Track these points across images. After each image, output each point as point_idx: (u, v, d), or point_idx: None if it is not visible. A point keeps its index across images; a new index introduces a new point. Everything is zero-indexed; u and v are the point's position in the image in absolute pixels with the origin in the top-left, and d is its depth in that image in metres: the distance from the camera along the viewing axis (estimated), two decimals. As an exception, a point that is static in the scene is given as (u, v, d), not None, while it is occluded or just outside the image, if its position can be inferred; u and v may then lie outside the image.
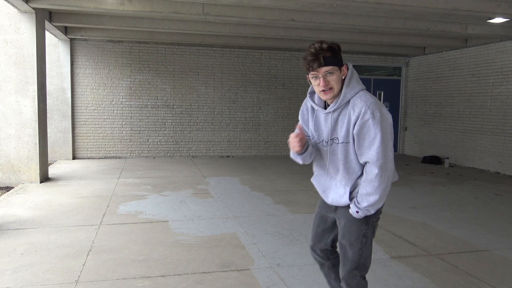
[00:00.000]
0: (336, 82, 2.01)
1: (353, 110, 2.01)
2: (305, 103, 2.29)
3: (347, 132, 2.06)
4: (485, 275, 3.47)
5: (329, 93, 2.03)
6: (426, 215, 5.37)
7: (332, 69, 1.98)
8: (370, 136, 1.98)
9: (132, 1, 6.66)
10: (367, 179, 2.04)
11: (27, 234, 4.32)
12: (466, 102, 9.83)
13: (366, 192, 2.05)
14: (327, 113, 2.12)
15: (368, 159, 2.02)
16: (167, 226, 4.72)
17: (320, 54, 1.95)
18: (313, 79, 2.04)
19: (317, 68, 1.97)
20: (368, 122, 1.97)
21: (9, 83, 6.80)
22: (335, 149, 2.15)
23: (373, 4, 6.01)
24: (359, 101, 2.01)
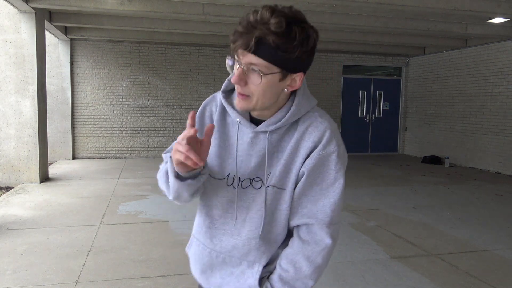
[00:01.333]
0: (260, 91, 1.09)
1: (309, 135, 1.16)
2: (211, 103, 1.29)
3: (286, 169, 1.17)
4: (485, 275, 3.47)
5: (243, 100, 1.11)
6: (426, 215, 5.37)
7: (264, 67, 1.05)
8: (327, 180, 1.16)
9: (132, 1, 6.66)
10: (302, 250, 1.18)
11: (27, 234, 4.32)
12: (466, 102, 9.82)
13: (294, 274, 1.17)
14: (259, 132, 1.18)
15: (314, 218, 1.17)
16: (167, 226, 4.72)
17: (255, 30, 1.02)
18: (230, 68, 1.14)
19: (237, 49, 1.06)
20: (331, 158, 1.15)
21: (9, 83, 6.80)
22: (251, 197, 1.21)
23: (373, 4, 6.01)
24: (319, 121, 1.17)
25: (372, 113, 12.04)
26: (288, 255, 1.19)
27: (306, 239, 1.18)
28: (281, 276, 1.18)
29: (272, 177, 1.18)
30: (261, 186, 1.19)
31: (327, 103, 11.58)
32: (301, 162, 1.16)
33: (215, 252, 1.26)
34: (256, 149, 1.19)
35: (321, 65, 11.48)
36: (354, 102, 11.90)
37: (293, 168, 1.17)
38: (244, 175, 1.21)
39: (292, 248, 1.19)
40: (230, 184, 1.22)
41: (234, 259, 1.24)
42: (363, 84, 11.96)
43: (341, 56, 11.61)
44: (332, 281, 3.29)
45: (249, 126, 1.19)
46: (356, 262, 3.70)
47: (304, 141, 1.16)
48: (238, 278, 1.24)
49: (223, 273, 1.26)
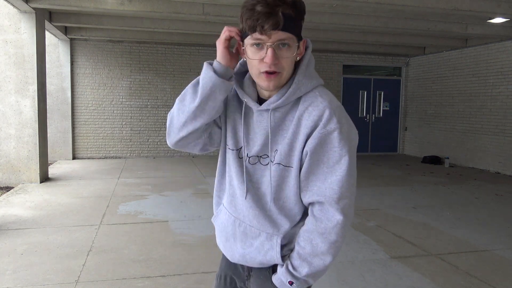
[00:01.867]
0: (290, 63, 1.18)
1: (308, 113, 1.19)
2: None
3: (290, 148, 1.22)
4: (485, 275, 3.47)
5: (274, 78, 1.17)
6: (426, 215, 5.37)
7: (291, 40, 1.15)
8: (332, 158, 1.19)
9: (132, 1, 6.66)
10: (317, 227, 1.22)
11: (27, 234, 4.32)
12: (466, 102, 9.82)
13: (311, 250, 1.22)
14: (263, 110, 1.24)
15: (323, 196, 1.21)
16: (167, 226, 4.72)
17: (279, 8, 1.10)
18: (252, 49, 1.16)
19: (270, 30, 1.11)
20: (333, 136, 1.17)
21: (9, 83, 6.80)
22: (260, 172, 1.28)
23: (373, 4, 6.01)
24: (320, 100, 1.20)
25: (372, 113, 12.04)
26: (305, 232, 1.25)
27: (319, 216, 1.22)
28: (299, 253, 1.24)
29: (278, 155, 1.23)
30: (268, 163, 1.26)
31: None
32: (303, 141, 1.20)
33: (239, 220, 1.34)
34: (261, 126, 1.26)
35: (321, 65, 11.48)
36: (354, 102, 11.90)
37: (296, 146, 1.21)
38: (251, 152, 1.28)
39: (307, 225, 1.25)
40: (241, 157, 1.31)
41: (254, 230, 1.31)
42: (363, 84, 11.96)
43: (341, 56, 11.61)
44: (332, 281, 3.29)
45: (254, 105, 1.25)
46: (356, 262, 3.70)
47: (304, 119, 1.20)
48: (258, 250, 1.31)
49: (244, 244, 1.33)
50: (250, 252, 1.33)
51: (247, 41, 1.17)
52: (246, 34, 1.16)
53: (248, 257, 1.34)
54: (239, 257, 1.36)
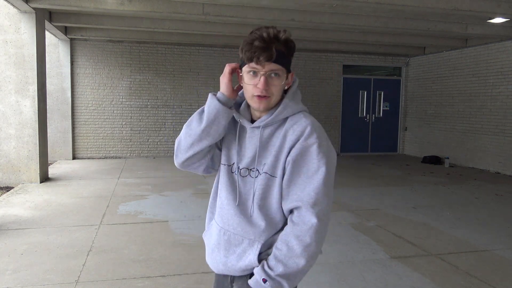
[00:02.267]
0: (278, 90, 1.40)
1: (292, 130, 1.39)
2: None
3: (276, 159, 1.40)
4: (485, 275, 3.47)
5: (264, 100, 1.38)
6: (426, 215, 5.37)
7: (281, 71, 1.38)
8: (311, 169, 1.35)
9: (132, 1, 6.66)
10: (293, 230, 1.34)
11: (27, 234, 4.32)
12: (466, 102, 9.83)
13: (287, 252, 1.33)
14: (255, 127, 1.44)
15: (300, 201, 1.35)
16: (167, 226, 4.72)
17: (273, 44, 1.34)
18: (248, 75, 1.39)
19: (264, 61, 1.34)
20: (312, 149, 1.35)
21: (9, 83, 6.80)
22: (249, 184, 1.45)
23: (373, 4, 6.01)
24: (303, 120, 1.40)
25: (372, 113, 12.04)
26: (282, 236, 1.37)
27: (296, 221, 1.36)
28: (275, 255, 1.36)
29: (266, 166, 1.42)
30: (258, 176, 1.44)
31: (327, 103, 11.59)
32: (287, 152, 1.39)
33: (224, 229, 1.49)
34: (252, 142, 1.45)
35: (321, 65, 11.48)
36: (354, 102, 11.90)
37: (281, 158, 1.40)
38: (242, 164, 1.47)
39: (285, 230, 1.38)
40: (233, 171, 1.49)
41: (237, 237, 1.45)
42: (363, 84, 11.96)
43: (341, 56, 11.60)
44: (332, 281, 3.29)
45: (247, 124, 1.46)
46: (356, 262, 3.70)
47: (289, 135, 1.40)
48: (240, 256, 1.44)
49: (227, 252, 1.47)
50: (231, 260, 1.45)
51: (245, 69, 1.40)
52: (244, 63, 1.39)
53: (229, 264, 1.45)
54: (222, 266, 1.48)
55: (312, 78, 11.43)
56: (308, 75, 11.40)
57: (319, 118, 11.34)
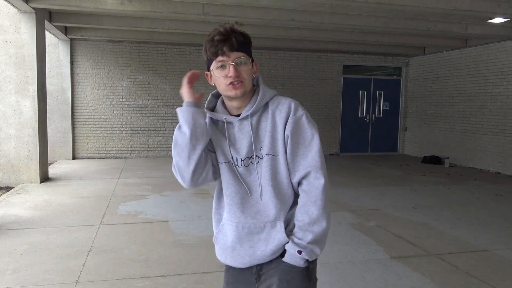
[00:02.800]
0: (248, 75, 1.50)
1: (279, 110, 1.51)
2: None
3: (273, 139, 1.50)
4: (485, 275, 3.47)
5: (239, 87, 1.47)
6: (426, 215, 5.37)
7: (245, 58, 1.49)
8: (307, 138, 1.49)
9: (132, 1, 6.66)
10: (309, 198, 1.46)
11: (27, 234, 4.32)
12: (466, 102, 9.83)
13: (309, 219, 1.45)
14: (243, 119, 1.52)
15: (309, 167, 1.48)
16: (167, 226, 4.72)
17: (232, 35, 1.47)
18: (218, 70, 1.49)
19: (228, 51, 1.45)
20: (302, 119, 1.50)
21: (9, 83, 6.80)
22: (255, 169, 1.52)
23: (373, 4, 6.01)
24: (283, 100, 1.54)
25: (372, 113, 12.04)
26: (300, 208, 1.48)
27: (307, 189, 1.48)
28: (300, 226, 1.47)
29: (265, 149, 1.51)
30: (259, 160, 1.52)
31: (327, 103, 11.59)
32: (282, 129, 1.50)
33: (241, 224, 1.52)
34: (244, 132, 1.53)
35: (321, 65, 11.48)
36: (354, 102, 11.90)
37: (278, 137, 1.50)
38: (244, 156, 1.53)
39: (301, 201, 1.49)
40: (236, 165, 1.53)
41: (258, 225, 1.51)
42: (363, 84, 11.96)
43: (341, 56, 11.60)
44: (332, 281, 3.29)
45: (234, 118, 1.54)
46: (356, 262, 3.70)
47: (277, 115, 1.51)
48: (267, 241, 1.50)
49: (252, 242, 1.51)
50: (259, 247, 1.50)
51: (213, 66, 1.50)
52: (211, 60, 1.50)
53: (258, 252, 1.50)
54: (250, 258, 1.52)
55: (312, 78, 11.43)
56: (308, 75, 11.40)
57: (319, 118, 11.35)
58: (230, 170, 1.54)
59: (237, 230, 1.51)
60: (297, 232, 1.46)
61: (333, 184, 7.32)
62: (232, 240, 1.53)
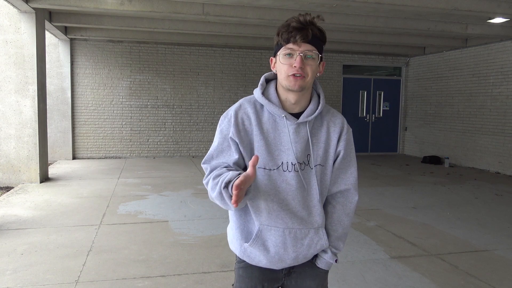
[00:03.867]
0: (312, 72, 1.44)
1: (333, 123, 1.55)
2: (240, 111, 1.51)
3: (325, 152, 1.53)
4: (485, 275, 3.47)
5: (300, 79, 1.42)
6: (426, 215, 5.37)
7: (315, 54, 1.43)
8: (351, 155, 1.60)
9: (132, 1, 6.66)
10: (344, 211, 1.59)
11: (27, 234, 4.32)
12: (466, 102, 9.83)
13: (342, 230, 1.60)
14: (300, 123, 1.48)
15: (349, 184, 1.59)
16: (167, 226, 4.72)
17: (309, 27, 1.40)
18: (284, 57, 1.43)
19: (300, 40, 1.39)
20: (351, 137, 1.61)
21: (9, 83, 6.80)
22: (308, 176, 1.51)
23: (373, 4, 6.01)
24: (335, 112, 1.60)
25: (372, 113, 12.04)
26: (335, 219, 1.59)
27: (342, 201, 1.60)
28: (335, 236, 1.59)
29: (317, 158, 1.52)
30: (304, 167, 1.50)
31: (327, 103, 11.53)
32: (335, 144, 1.55)
33: (288, 229, 1.51)
34: (299, 136, 1.49)
35: (321, 65, 11.46)
36: (354, 102, 11.90)
37: (330, 150, 1.54)
38: (296, 160, 1.48)
39: (336, 212, 1.59)
40: (286, 170, 1.48)
41: (303, 231, 1.53)
42: (363, 84, 11.96)
43: (341, 56, 11.61)
44: (332, 281, 3.29)
45: (292, 119, 1.48)
46: (356, 262, 3.70)
47: (331, 127, 1.55)
48: (309, 246, 1.55)
49: (295, 247, 1.53)
50: (302, 252, 1.54)
51: (281, 52, 1.44)
52: (280, 46, 1.44)
53: (300, 256, 1.55)
54: (291, 261, 1.55)
55: (312, 78, 11.41)
56: (308, 75, 11.38)
57: (319, 118, 11.34)
58: (279, 175, 1.49)
59: (284, 236, 1.51)
60: (333, 241, 1.59)
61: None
62: (275, 245, 1.51)
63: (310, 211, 1.52)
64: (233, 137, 1.47)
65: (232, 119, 1.48)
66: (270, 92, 1.52)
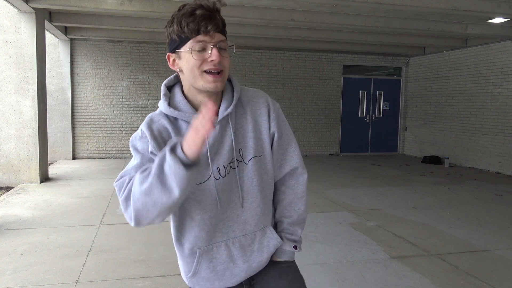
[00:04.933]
0: (229, 64, 1.25)
1: (257, 105, 1.33)
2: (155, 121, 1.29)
3: (257, 140, 1.31)
4: (485, 275, 3.47)
5: (220, 77, 1.21)
6: (426, 215, 5.37)
7: (226, 44, 1.24)
8: (287, 131, 1.39)
9: (132, 1, 6.66)
10: (295, 195, 1.40)
11: (27, 234, 4.32)
12: (466, 102, 9.83)
13: (297, 215, 1.41)
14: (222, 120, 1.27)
15: (295, 163, 1.39)
16: (167, 226, 4.69)
17: (216, 13, 1.19)
18: (196, 53, 1.18)
19: (212, 31, 1.17)
20: (280, 112, 1.39)
21: (9, 83, 6.80)
22: (235, 175, 1.29)
23: (373, 4, 6.01)
24: (254, 93, 1.38)
25: (372, 113, 12.04)
26: (287, 205, 1.41)
27: (292, 184, 1.41)
28: (289, 222, 1.41)
29: (250, 150, 1.30)
30: (238, 164, 1.29)
31: (327, 103, 11.58)
32: (266, 127, 1.33)
33: (230, 240, 1.32)
34: (222, 135, 1.27)
35: (321, 65, 11.48)
36: (354, 102, 11.90)
37: (263, 136, 1.33)
38: (225, 162, 1.27)
39: (288, 198, 1.41)
40: (219, 177, 1.27)
41: (248, 236, 1.33)
42: (363, 84, 11.96)
43: (341, 56, 11.61)
44: (332, 281, 3.29)
45: None
46: (356, 262, 3.70)
47: (256, 111, 1.33)
48: (261, 250, 1.36)
49: (245, 256, 1.34)
50: (255, 258, 1.35)
51: (187, 46, 1.19)
52: (186, 39, 1.19)
53: (254, 265, 1.36)
54: (245, 273, 1.36)
55: (312, 78, 11.43)
56: (308, 75, 11.39)
57: (319, 118, 11.36)
58: (209, 187, 1.26)
59: (228, 249, 1.31)
60: (287, 228, 1.40)
61: (333, 184, 7.32)
62: (223, 262, 1.32)
63: (253, 213, 1.32)
64: (154, 151, 1.19)
65: (147, 133, 1.24)
66: (178, 100, 1.28)
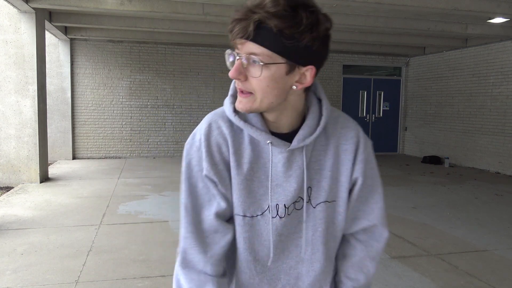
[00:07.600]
0: (263, 86, 0.90)
1: (344, 137, 1.04)
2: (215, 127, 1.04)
3: (334, 181, 1.04)
4: (485, 275, 3.47)
5: (245, 98, 0.93)
6: (426, 215, 5.37)
7: (265, 56, 0.87)
8: (373, 178, 1.10)
9: (132, 1, 6.66)
10: (367, 253, 1.13)
11: (27, 234, 4.32)
12: (466, 102, 9.83)
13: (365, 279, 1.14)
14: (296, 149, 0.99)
15: (375, 219, 1.10)
16: (167, 226, 4.72)
17: (253, 15, 0.86)
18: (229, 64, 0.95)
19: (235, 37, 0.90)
20: (371, 156, 1.11)
21: (9, 83, 6.80)
22: (298, 218, 1.04)
23: (373, 4, 6.01)
24: (345, 120, 1.07)
25: (372, 113, 12.04)
26: (355, 263, 1.14)
27: (365, 240, 1.13)
28: (359, 279, 1.14)
29: (321, 192, 1.03)
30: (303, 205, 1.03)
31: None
32: (349, 169, 1.05)
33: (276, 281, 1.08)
34: (294, 167, 1.00)
35: (321, 65, 11.46)
36: (354, 102, 11.90)
37: (341, 178, 1.05)
38: (288, 202, 1.01)
39: (356, 254, 1.14)
40: (276, 216, 1.01)
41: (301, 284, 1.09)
42: (363, 84, 11.96)
43: (341, 56, 11.61)
44: (332, 281, 3.28)
45: (282, 145, 0.98)
46: (356, 262, 3.69)
47: (342, 145, 1.04)
48: None
49: None
50: None
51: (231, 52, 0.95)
52: None
53: None
54: None
55: (312, 78, 11.42)
56: (308, 75, 11.39)
57: (319, 118, 11.35)
58: (264, 223, 1.02)
59: None
60: None
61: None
62: None
63: (309, 268, 1.07)
64: (208, 174, 0.99)
65: (203, 147, 1.01)
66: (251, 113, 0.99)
